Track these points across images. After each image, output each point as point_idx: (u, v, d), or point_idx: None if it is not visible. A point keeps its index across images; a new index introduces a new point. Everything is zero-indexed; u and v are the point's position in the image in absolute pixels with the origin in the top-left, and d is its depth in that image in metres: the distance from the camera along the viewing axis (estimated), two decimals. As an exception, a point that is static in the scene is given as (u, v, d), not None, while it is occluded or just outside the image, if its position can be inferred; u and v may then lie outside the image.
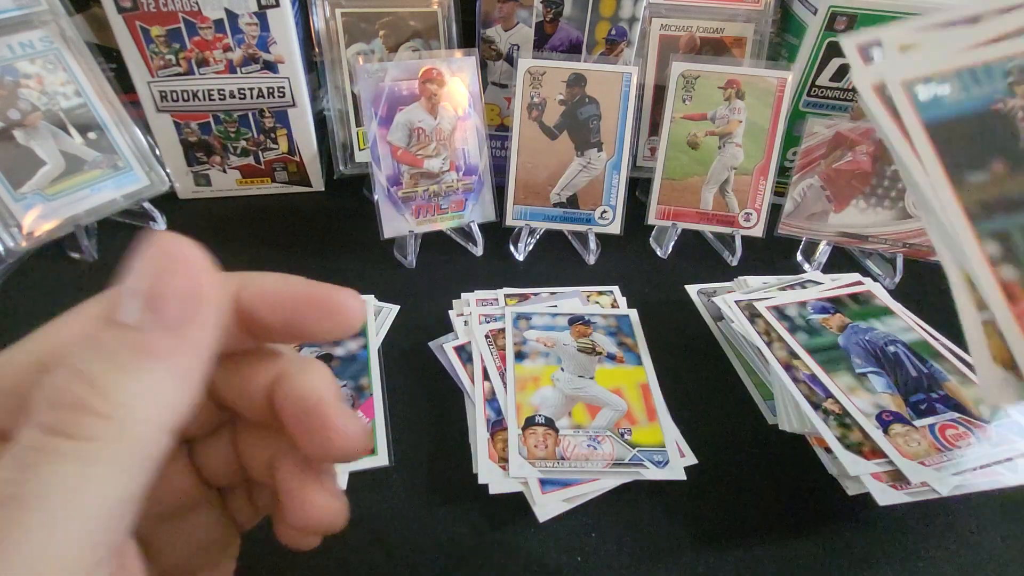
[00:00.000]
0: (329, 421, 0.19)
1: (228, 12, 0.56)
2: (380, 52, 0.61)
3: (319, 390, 0.19)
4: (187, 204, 0.65)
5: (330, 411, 0.19)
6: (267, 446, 0.21)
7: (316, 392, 0.19)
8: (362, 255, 0.59)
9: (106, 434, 0.14)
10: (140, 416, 0.15)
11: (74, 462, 0.14)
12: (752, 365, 0.50)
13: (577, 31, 0.60)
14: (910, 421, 0.40)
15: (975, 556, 0.39)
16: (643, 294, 0.56)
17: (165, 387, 0.15)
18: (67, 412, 0.14)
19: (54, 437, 0.14)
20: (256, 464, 0.21)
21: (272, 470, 0.21)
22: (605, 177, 0.59)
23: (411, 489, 0.41)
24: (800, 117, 0.62)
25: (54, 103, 0.56)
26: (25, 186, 0.54)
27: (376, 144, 0.55)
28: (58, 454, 0.14)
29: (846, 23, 0.57)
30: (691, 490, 0.41)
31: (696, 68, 0.58)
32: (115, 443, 0.14)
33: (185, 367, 0.16)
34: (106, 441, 0.14)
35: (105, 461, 0.14)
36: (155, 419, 0.15)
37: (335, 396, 0.19)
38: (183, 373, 0.16)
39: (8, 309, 0.52)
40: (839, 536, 0.39)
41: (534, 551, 0.38)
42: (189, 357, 0.16)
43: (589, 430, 0.43)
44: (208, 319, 0.16)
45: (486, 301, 0.54)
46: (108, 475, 0.14)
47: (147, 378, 0.15)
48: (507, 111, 0.64)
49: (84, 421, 0.14)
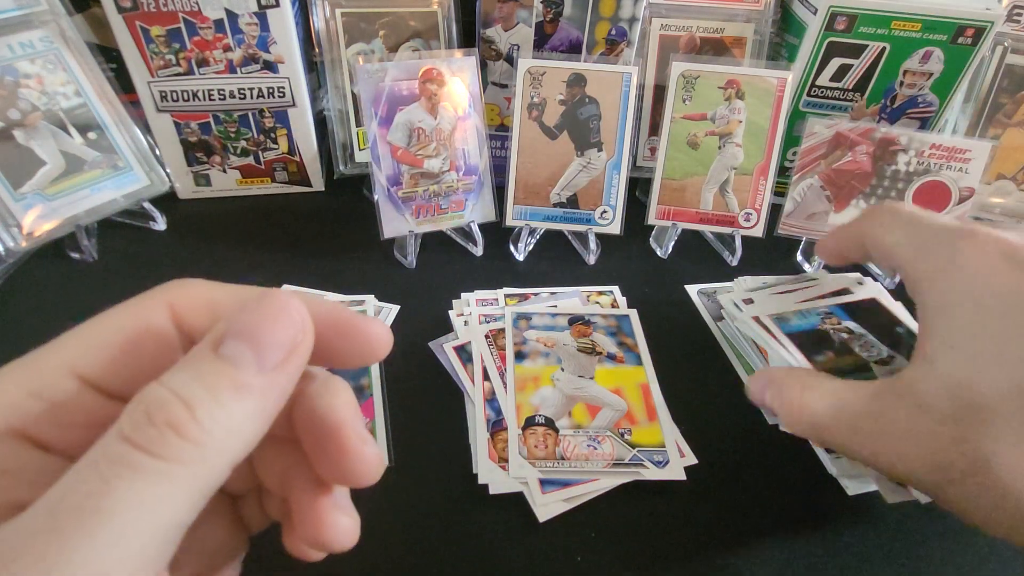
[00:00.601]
0: (347, 447, 0.19)
1: (228, 12, 0.56)
2: (380, 52, 0.61)
3: (340, 413, 0.19)
4: (187, 204, 0.65)
5: (349, 437, 0.19)
6: (283, 458, 0.21)
7: (337, 415, 0.19)
8: (362, 255, 0.59)
9: (191, 458, 0.15)
10: (222, 447, 0.16)
11: (155, 482, 0.14)
12: (752, 365, 0.50)
13: (577, 31, 0.60)
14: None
15: (975, 556, 0.39)
16: (643, 294, 0.56)
17: (247, 422, 0.16)
18: (160, 431, 0.15)
19: (142, 453, 0.14)
20: (270, 475, 0.21)
21: (286, 483, 0.21)
22: (605, 177, 0.59)
23: (411, 489, 0.41)
24: (800, 117, 0.62)
25: (54, 103, 0.56)
26: (25, 186, 0.54)
27: (376, 144, 0.55)
28: (141, 470, 0.14)
29: (846, 23, 0.57)
30: (691, 490, 0.41)
31: (696, 68, 0.58)
32: (195, 468, 0.15)
33: (267, 407, 0.17)
34: (189, 466, 0.15)
35: (181, 485, 0.15)
36: (231, 451, 0.16)
37: (356, 421, 0.20)
38: (264, 413, 0.17)
39: (8, 309, 0.52)
40: (839, 536, 0.39)
41: (534, 551, 0.38)
42: (274, 397, 0.17)
43: (589, 430, 0.43)
44: (297, 366, 0.18)
45: (486, 301, 0.54)
46: (180, 498, 0.15)
47: (236, 412, 0.16)
48: (507, 111, 0.64)
49: (175, 443, 0.15)
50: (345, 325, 0.19)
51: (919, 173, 0.58)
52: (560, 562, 0.37)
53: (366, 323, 0.20)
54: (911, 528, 0.40)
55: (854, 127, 0.58)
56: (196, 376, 0.16)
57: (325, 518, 0.20)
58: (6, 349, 0.45)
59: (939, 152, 0.57)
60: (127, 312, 0.19)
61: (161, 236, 0.61)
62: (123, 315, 0.19)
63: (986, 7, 0.56)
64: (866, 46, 0.58)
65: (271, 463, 0.21)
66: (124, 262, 0.58)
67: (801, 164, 0.60)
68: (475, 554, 0.38)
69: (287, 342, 0.17)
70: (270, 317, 0.17)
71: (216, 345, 0.16)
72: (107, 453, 0.15)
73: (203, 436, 0.15)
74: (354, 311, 0.20)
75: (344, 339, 0.19)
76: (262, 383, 0.16)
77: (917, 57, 0.58)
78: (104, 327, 0.18)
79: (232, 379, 0.16)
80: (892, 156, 0.58)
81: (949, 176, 0.57)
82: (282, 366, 0.17)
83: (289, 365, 0.17)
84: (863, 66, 0.60)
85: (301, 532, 0.20)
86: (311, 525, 0.20)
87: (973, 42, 0.57)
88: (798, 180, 0.60)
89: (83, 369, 0.18)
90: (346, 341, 0.19)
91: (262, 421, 0.17)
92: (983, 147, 0.56)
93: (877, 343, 0.46)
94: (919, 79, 0.60)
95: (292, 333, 0.17)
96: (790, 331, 0.46)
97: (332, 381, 0.20)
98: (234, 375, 0.16)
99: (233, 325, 0.17)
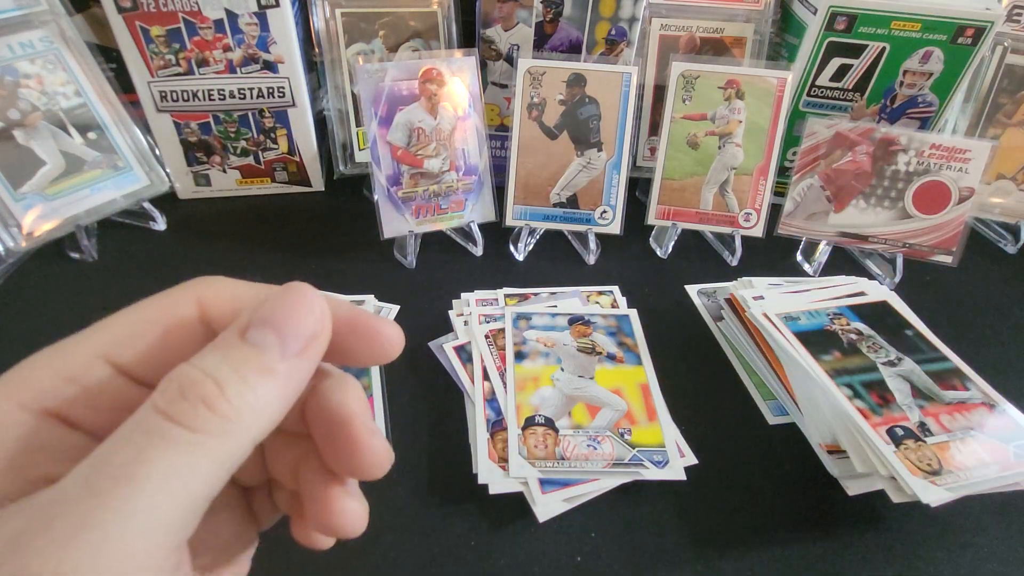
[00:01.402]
0: (357, 441, 0.20)
1: (228, 12, 0.56)
2: (380, 52, 0.61)
3: (351, 407, 0.20)
4: (187, 204, 0.65)
5: (360, 430, 0.20)
6: (294, 451, 0.22)
7: (347, 409, 0.20)
8: (362, 255, 0.59)
9: (221, 432, 0.16)
10: (248, 424, 0.17)
11: (187, 451, 0.15)
12: (752, 365, 0.50)
13: (577, 31, 0.60)
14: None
15: (975, 556, 0.39)
16: (643, 294, 0.56)
17: (271, 403, 0.17)
18: (193, 404, 0.16)
19: (175, 425, 0.16)
20: (281, 467, 0.22)
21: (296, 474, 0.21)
22: (605, 177, 0.59)
23: (411, 489, 0.41)
24: (800, 117, 0.62)
25: (54, 103, 0.56)
26: (25, 186, 0.54)
27: (376, 144, 0.55)
28: (174, 441, 0.15)
29: (846, 23, 0.57)
30: (691, 490, 0.41)
31: (696, 68, 0.58)
32: (223, 441, 0.16)
33: (288, 391, 0.18)
34: (218, 438, 0.16)
35: (210, 456, 0.16)
36: (256, 428, 0.17)
37: (365, 415, 0.20)
38: (285, 396, 0.18)
39: (8, 309, 0.52)
40: (839, 536, 0.39)
41: (534, 551, 0.38)
42: (295, 382, 0.18)
43: (589, 430, 0.43)
44: (316, 355, 0.19)
45: (486, 301, 0.54)
46: (208, 469, 0.16)
47: (261, 393, 0.17)
48: (507, 111, 0.64)
49: (206, 416, 0.16)
50: (360, 324, 0.20)
51: (919, 173, 0.58)
52: (560, 562, 0.37)
53: (380, 323, 0.21)
54: (911, 528, 0.40)
55: (854, 127, 0.58)
56: (225, 358, 0.17)
57: (336, 504, 0.20)
58: (6, 349, 0.45)
59: (939, 152, 0.57)
60: (157, 304, 0.20)
61: (161, 236, 0.61)
62: (154, 307, 0.20)
63: (986, 7, 0.56)
64: (866, 46, 0.58)
65: (283, 455, 0.22)
66: (124, 262, 0.58)
67: (801, 164, 0.60)
68: (475, 554, 0.38)
69: (308, 331, 0.18)
70: (293, 307, 0.18)
71: (242, 332, 0.18)
72: (141, 425, 0.16)
73: (232, 412, 0.16)
74: (369, 312, 0.21)
75: (358, 338, 0.20)
76: (285, 368, 0.17)
77: (917, 57, 0.58)
78: (136, 318, 0.19)
79: (258, 363, 0.17)
80: (892, 156, 0.58)
81: (949, 176, 0.57)
82: (303, 353, 0.18)
83: (310, 352, 0.18)
84: (863, 66, 0.60)
85: (312, 518, 0.21)
86: (322, 511, 0.20)
87: (973, 42, 0.57)
88: (798, 180, 0.60)
89: (115, 356, 0.19)
90: (360, 340, 0.20)
91: (283, 403, 0.18)
92: (983, 147, 0.56)
93: (886, 345, 0.47)
94: (919, 79, 0.60)
95: (313, 323, 0.18)
96: (798, 330, 0.47)
97: (344, 378, 0.21)
98: (260, 359, 0.17)
99: (259, 313, 0.18)
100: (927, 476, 0.37)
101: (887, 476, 0.37)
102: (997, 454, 0.39)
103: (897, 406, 0.42)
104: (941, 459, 0.38)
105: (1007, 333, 0.55)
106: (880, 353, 0.46)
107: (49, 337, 0.19)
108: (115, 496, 0.14)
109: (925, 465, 0.38)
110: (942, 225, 0.58)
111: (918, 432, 0.40)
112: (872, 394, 0.42)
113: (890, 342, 0.47)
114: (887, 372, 0.44)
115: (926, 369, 0.45)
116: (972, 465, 0.38)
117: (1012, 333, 0.56)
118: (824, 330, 0.47)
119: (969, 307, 0.58)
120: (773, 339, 0.46)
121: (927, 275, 0.60)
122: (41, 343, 0.18)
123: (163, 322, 0.19)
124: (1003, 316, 0.57)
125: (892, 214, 0.59)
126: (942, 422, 0.41)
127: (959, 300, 0.58)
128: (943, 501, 0.36)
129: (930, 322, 0.49)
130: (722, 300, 0.54)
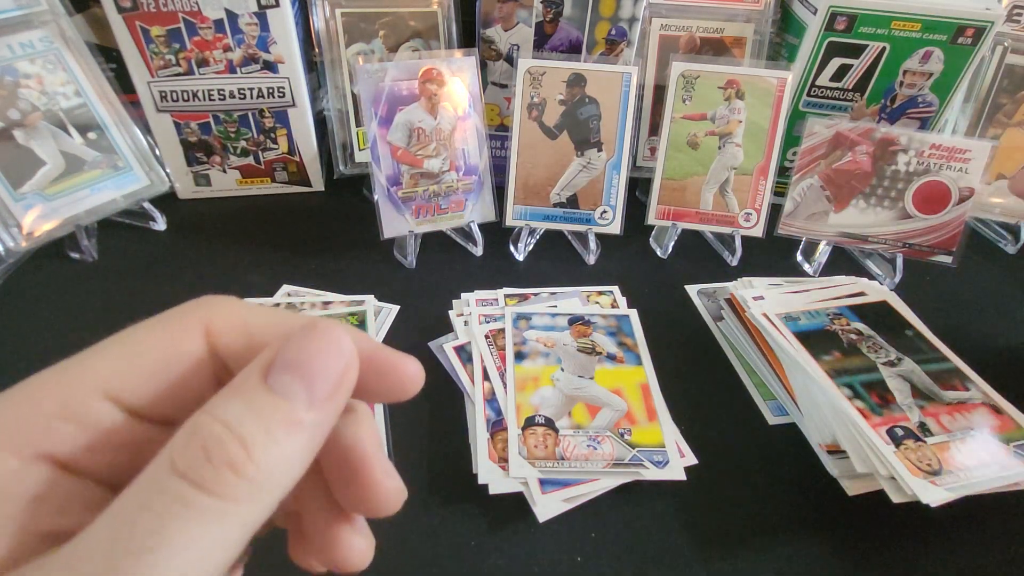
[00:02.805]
0: (371, 482, 0.19)
1: (228, 12, 0.56)
2: (380, 52, 0.61)
3: (365, 446, 0.19)
4: (187, 204, 0.65)
5: (374, 471, 0.19)
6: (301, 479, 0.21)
7: (362, 447, 0.19)
8: (362, 255, 0.59)
9: (246, 497, 0.15)
10: (275, 483, 0.16)
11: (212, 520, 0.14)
12: (752, 365, 0.50)
13: (577, 31, 0.60)
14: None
15: (975, 556, 0.39)
16: (643, 294, 0.56)
17: (297, 458, 0.16)
18: (218, 469, 0.15)
19: (198, 491, 0.14)
20: None
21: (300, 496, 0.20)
22: (605, 177, 0.59)
23: (411, 489, 0.40)
24: (800, 117, 0.62)
25: (54, 103, 0.56)
26: (25, 186, 0.54)
27: (376, 144, 0.55)
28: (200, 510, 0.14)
29: (846, 23, 0.57)
30: (691, 490, 0.41)
31: (696, 68, 0.58)
32: (249, 506, 0.15)
33: (315, 441, 0.17)
34: (244, 503, 0.15)
35: (235, 522, 0.15)
36: (282, 486, 0.16)
37: (380, 453, 0.19)
38: (312, 447, 0.17)
39: (8, 309, 0.52)
40: (839, 536, 0.39)
41: (534, 551, 0.38)
42: (322, 430, 0.17)
43: (589, 430, 0.43)
44: (342, 400, 0.17)
45: (486, 301, 0.54)
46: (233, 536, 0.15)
47: (288, 448, 0.16)
48: (507, 111, 0.64)
49: (231, 481, 0.15)
50: (382, 362, 0.19)
51: (919, 173, 0.58)
52: (560, 562, 0.37)
53: (403, 361, 0.19)
54: (911, 528, 0.40)
55: (854, 127, 0.58)
56: (249, 409, 0.16)
57: (342, 541, 0.19)
58: (6, 349, 0.45)
59: (939, 152, 0.57)
60: (160, 330, 0.18)
61: (161, 236, 0.61)
62: (155, 333, 0.18)
63: (986, 7, 0.56)
64: (866, 46, 0.58)
65: None
66: (124, 262, 0.58)
67: (801, 164, 0.60)
68: (475, 554, 0.38)
69: (335, 376, 0.17)
70: (320, 350, 0.17)
71: (264, 374, 0.16)
72: (160, 487, 0.14)
73: (259, 475, 0.15)
74: (390, 348, 0.19)
75: (379, 376, 0.19)
76: (312, 419, 0.16)
77: (917, 57, 0.58)
78: (136, 346, 0.18)
79: (286, 415, 0.16)
80: (892, 156, 0.58)
81: (949, 176, 0.57)
82: (330, 398, 0.17)
83: (337, 396, 0.17)
84: (863, 66, 0.60)
85: (314, 549, 0.20)
86: (327, 546, 0.19)
87: (973, 42, 0.57)
88: (798, 180, 0.60)
89: (115, 391, 0.17)
90: (380, 378, 0.19)
91: (310, 455, 0.17)
92: (983, 147, 0.56)
93: (885, 345, 0.47)
94: (919, 79, 0.60)
95: (341, 367, 0.17)
96: (798, 330, 0.47)
97: (357, 408, 0.20)
98: (287, 411, 0.16)
99: (283, 356, 0.16)
100: (927, 476, 0.37)
101: (887, 476, 0.37)
102: (997, 454, 0.39)
103: (897, 406, 0.42)
104: (941, 459, 0.38)
105: (1007, 333, 0.55)
106: (880, 353, 0.46)
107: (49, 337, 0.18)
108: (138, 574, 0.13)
109: (925, 465, 0.38)
110: (942, 225, 0.58)
111: (918, 432, 0.40)
112: (872, 394, 0.42)
113: (890, 342, 0.47)
114: (887, 372, 0.44)
115: (926, 369, 0.45)
116: (972, 465, 0.38)
117: (1012, 333, 0.56)
118: (824, 330, 0.47)
119: (969, 307, 0.58)
120: (773, 339, 0.46)
121: (927, 275, 0.60)
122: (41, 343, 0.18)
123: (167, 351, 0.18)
124: (1003, 316, 0.57)
125: (892, 214, 0.59)
126: (942, 422, 0.41)
127: (959, 300, 0.58)
128: (943, 501, 0.36)
129: (930, 322, 0.49)
130: (722, 300, 0.54)
